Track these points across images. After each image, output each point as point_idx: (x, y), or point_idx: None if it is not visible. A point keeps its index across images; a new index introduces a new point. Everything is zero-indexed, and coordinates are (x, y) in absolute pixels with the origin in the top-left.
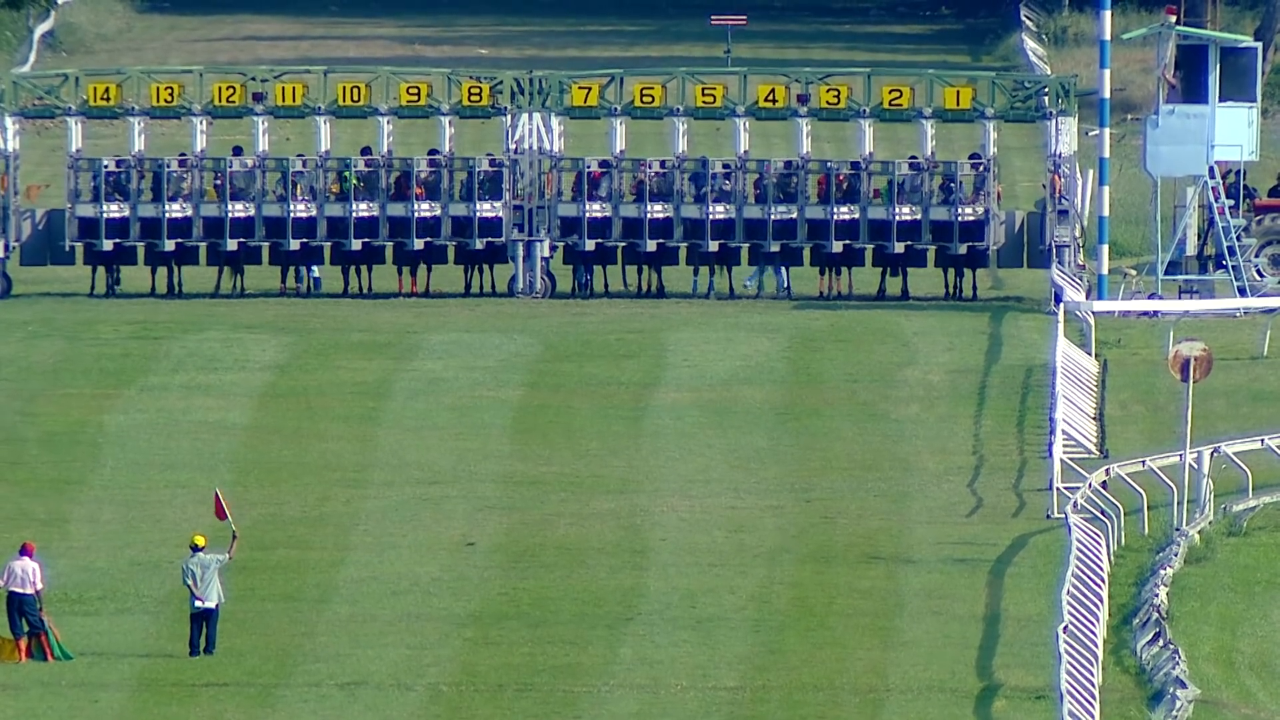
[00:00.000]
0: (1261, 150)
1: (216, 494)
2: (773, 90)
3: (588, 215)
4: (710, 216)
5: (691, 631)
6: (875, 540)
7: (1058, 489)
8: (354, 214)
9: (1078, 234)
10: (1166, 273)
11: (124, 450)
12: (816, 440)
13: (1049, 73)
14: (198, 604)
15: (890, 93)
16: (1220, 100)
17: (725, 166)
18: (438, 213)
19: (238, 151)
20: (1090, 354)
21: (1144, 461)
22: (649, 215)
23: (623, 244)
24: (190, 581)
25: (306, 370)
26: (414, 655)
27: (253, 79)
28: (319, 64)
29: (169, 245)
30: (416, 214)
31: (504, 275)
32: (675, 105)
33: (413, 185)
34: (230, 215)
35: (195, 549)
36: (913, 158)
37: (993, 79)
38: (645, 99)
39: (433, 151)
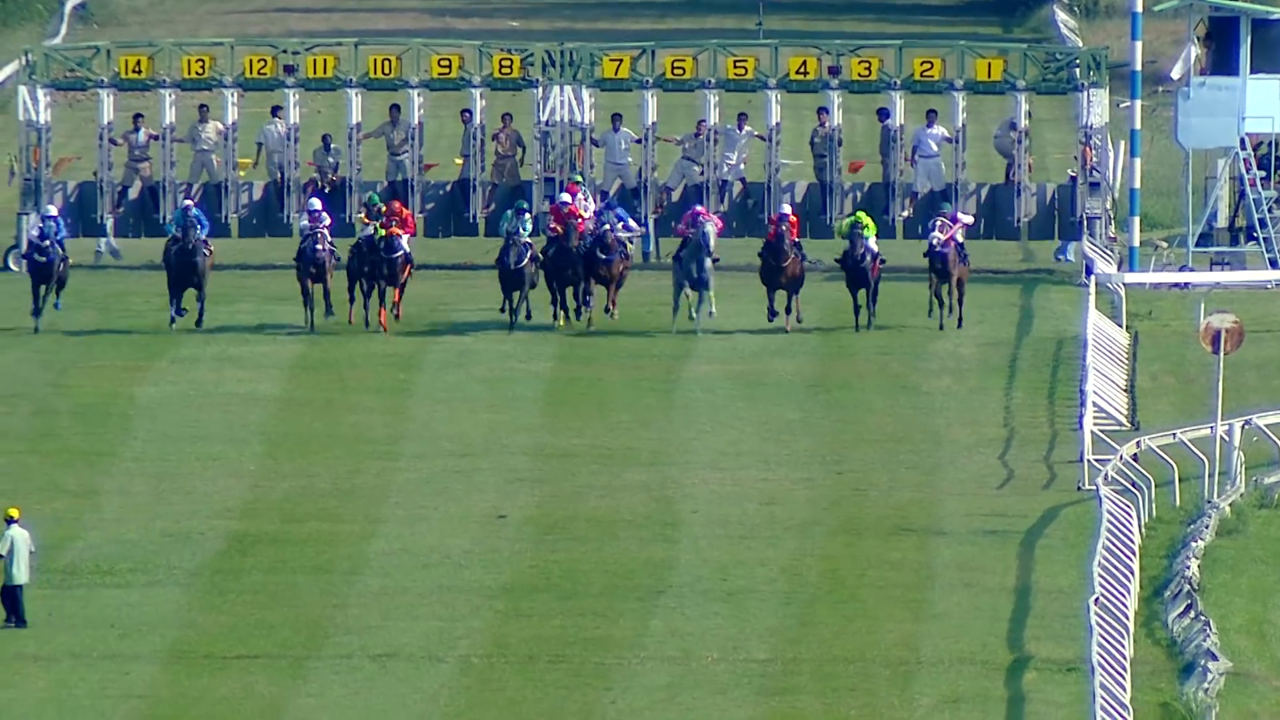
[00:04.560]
0: None
1: None
2: (804, 62)
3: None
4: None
5: (722, 604)
6: (906, 512)
7: (1088, 461)
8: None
9: (1109, 206)
10: (1197, 245)
11: (155, 422)
12: (847, 413)
13: (1080, 45)
14: (14, 577)
15: (921, 64)
16: (1251, 72)
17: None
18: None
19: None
20: (1121, 326)
21: (1175, 434)
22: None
23: (655, 216)
24: (4, 552)
25: (337, 342)
26: (445, 627)
27: (284, 51)
28: (350, 36)
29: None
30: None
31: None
32: (707, 77)
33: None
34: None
35: (10, 521)
36: (930, 110)
37: (1024, 51)
38: (676, 71)
39: (465, 112)
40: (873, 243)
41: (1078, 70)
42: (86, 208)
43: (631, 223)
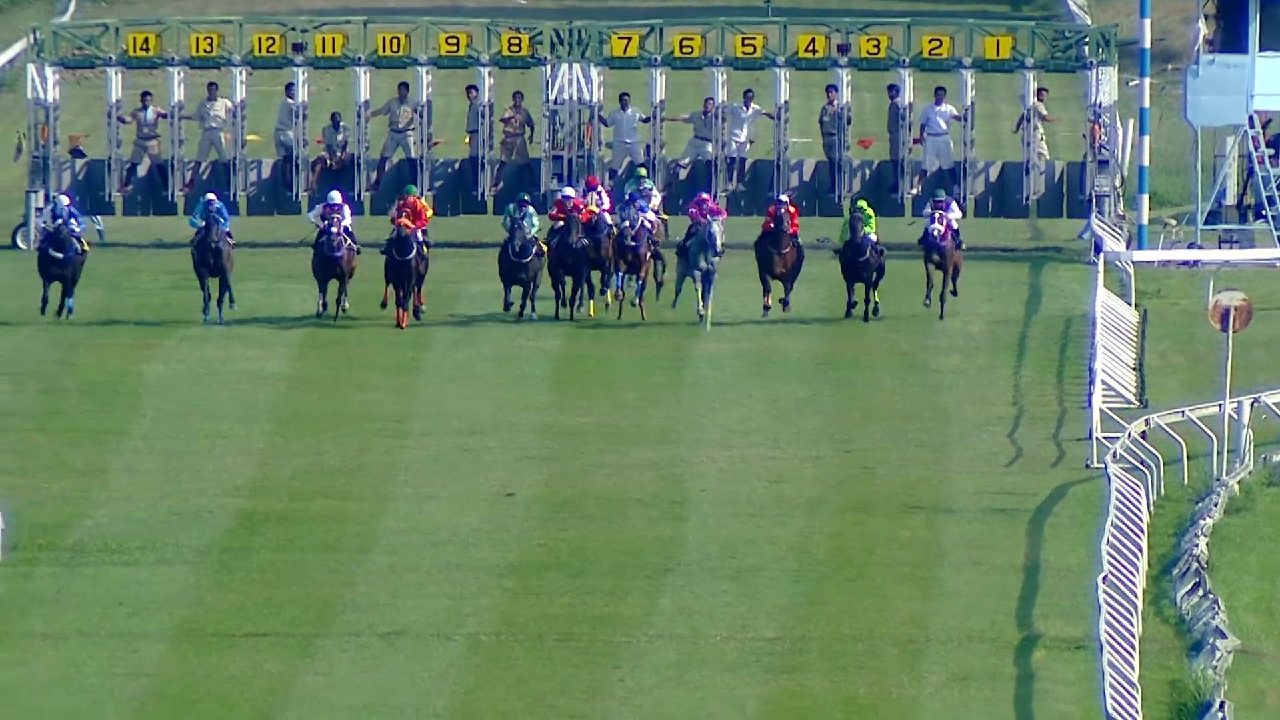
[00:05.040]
0: None
1: None
2: (813, 40)
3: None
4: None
5: (731, 582)
6: (915, 490)
7: (1097, 439)
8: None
9: (1118, 184)
10: (1206, 222)
11: (164, 400)
12: (856, 390)
13: (1089, 22)
14: None
15: (930, 42)
16: (1260, 50)
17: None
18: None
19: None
20: (1130, 304)
21: (1183, 411)
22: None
23: (663, 193)
24: None
25: (345, 320)
26: (454, 605)
27: (292, 29)
28: (358, 14)
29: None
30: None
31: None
32: (715, 55)
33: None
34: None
35: None
36: (939, 88)
37: (1033, 29)
38: (685, 49)
39: (471, 88)
40: (873, 234)
41: (1086, 48)
42: (95, 186)
43: (651, 216)
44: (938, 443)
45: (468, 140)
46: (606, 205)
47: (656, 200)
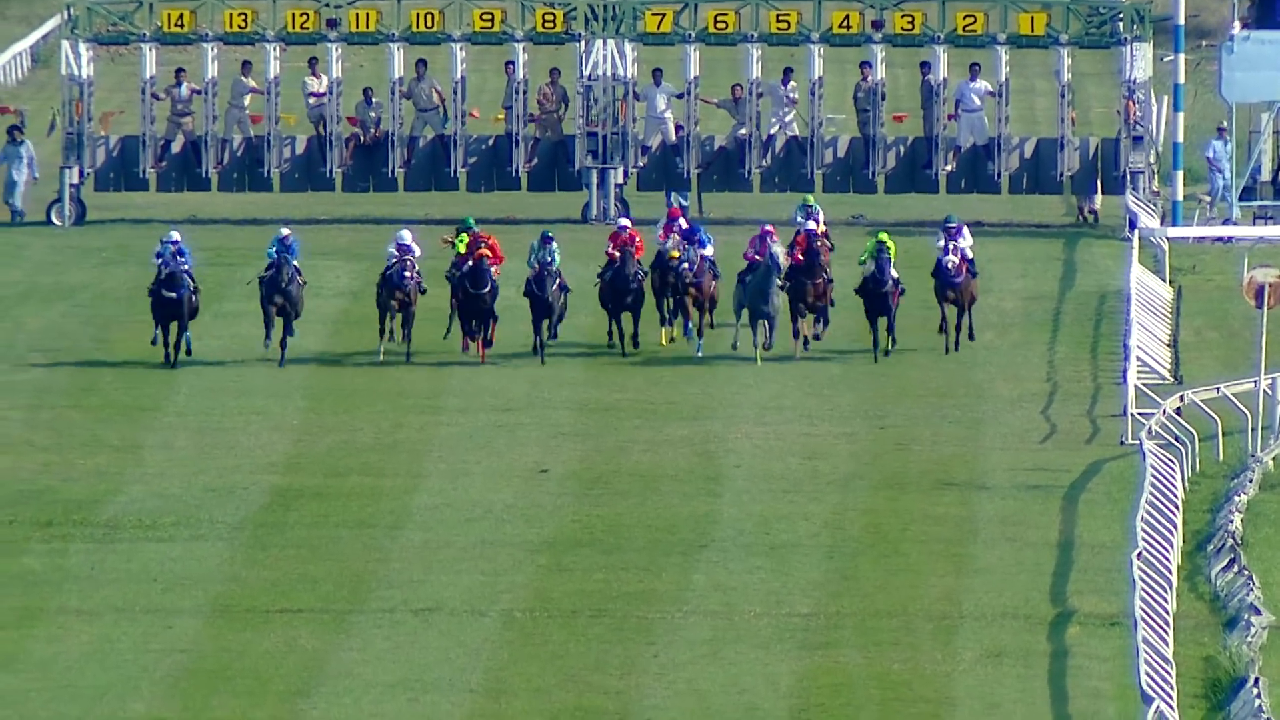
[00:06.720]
0: None
1: None
2: (847, 16)
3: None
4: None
5: (765, 558)
6: (949, 467)
7: (1132, 415)
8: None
9: (1152, 160)
10: (1241, 199)
11: (198, 377)
12: (890, 367)
13: None
14: None
15: (964, 18)
16: None
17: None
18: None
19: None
20: (1164, 280)
21: (1218, 388)
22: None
23: (698, 170)
24: None
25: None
26: (488, 581)
27: (326, 5)
28: None
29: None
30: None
31: (578, 202)
32: (749, 31)
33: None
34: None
35: None
36: (973, 64)
37: (1067, 5)
38: (719, 25)
39: (509, 64)
40: (893, 270)
41: (1121, 24)
42: (129, 162)
43: (710, 250)
44: (972, 419)
45: (500, 118)
46: (672, 244)
47: (821, 226)
